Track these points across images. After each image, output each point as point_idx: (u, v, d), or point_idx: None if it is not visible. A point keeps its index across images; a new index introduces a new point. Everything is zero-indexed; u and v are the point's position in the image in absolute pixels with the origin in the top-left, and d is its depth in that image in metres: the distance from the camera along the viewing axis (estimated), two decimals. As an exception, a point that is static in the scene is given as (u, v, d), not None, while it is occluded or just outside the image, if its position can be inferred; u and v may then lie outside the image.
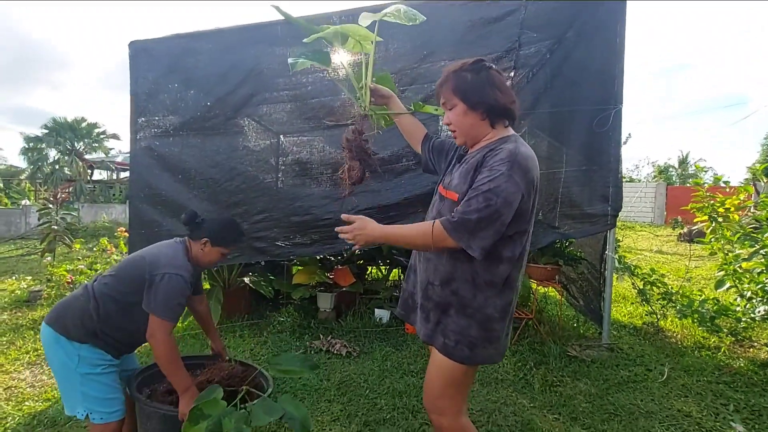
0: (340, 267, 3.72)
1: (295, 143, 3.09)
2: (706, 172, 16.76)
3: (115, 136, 24.27)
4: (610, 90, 2.67)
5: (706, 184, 3.62)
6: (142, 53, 3.23)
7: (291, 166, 3.07)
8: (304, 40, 1.48)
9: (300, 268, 3.79)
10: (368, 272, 4.39)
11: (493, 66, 1.29)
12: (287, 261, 3.95)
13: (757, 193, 6.38)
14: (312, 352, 2.89)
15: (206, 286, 3.81)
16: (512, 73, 2.72)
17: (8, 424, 2.12)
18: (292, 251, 3.09)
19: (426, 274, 1.32)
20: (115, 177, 23.28)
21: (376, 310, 3.49)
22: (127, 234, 3.93)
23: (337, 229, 1.28)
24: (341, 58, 1.61)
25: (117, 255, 5.33)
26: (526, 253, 1.28)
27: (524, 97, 2.66)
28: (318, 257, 3.91)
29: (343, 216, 1.28)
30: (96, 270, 4.85)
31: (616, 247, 3.23)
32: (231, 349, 2.89)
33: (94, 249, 6.67)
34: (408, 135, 1.67)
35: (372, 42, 1.49)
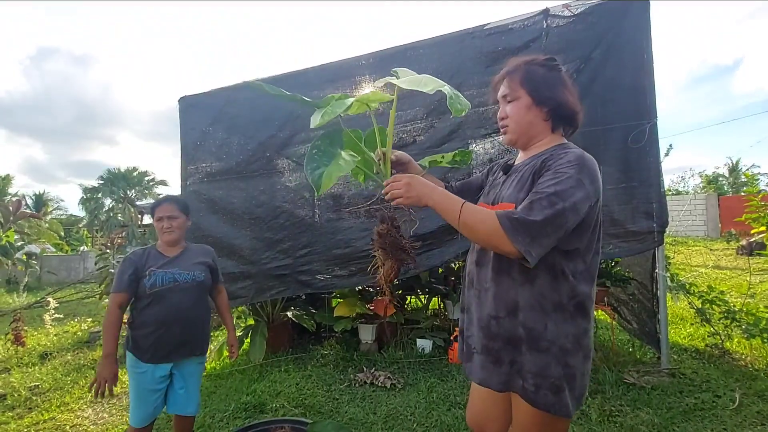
0: (379, 298, 3.74)
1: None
2: (758, 180, 15.50)
3: (163, 183, 26.00)
4: (642, 105, 2.65)
5: (761, 192, 3.40)
6: (190, 107, 3.55)
7: (325, 200, 3.20)
8: (313, 126, 1.09)
9: (340, 300, 3.85)
10: (408, 302, 4.38)
11: (564, 70, 1.18)
12: (328, 294, 4.02)
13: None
14: (356, 385, 2.89)
15: (251, 321, 3.94)
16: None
17: (76, 461, 2.24)
18: (333, 283, 3.17)
19: (486, 308, 1.13)
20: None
21: (417, 340, 3.46)
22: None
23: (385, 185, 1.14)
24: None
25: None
26: (594, 274, 1.10)
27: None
28: (358, 289, 3.97)
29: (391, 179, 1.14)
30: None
31: (667, 265, 3.07)
32: (277, 384, 2.94)
33: (146, 290, 7.08)
34: None
35: (393, 103, 1.21)
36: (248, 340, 3.57)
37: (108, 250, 6.56)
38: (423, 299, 4.32)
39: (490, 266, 1.14)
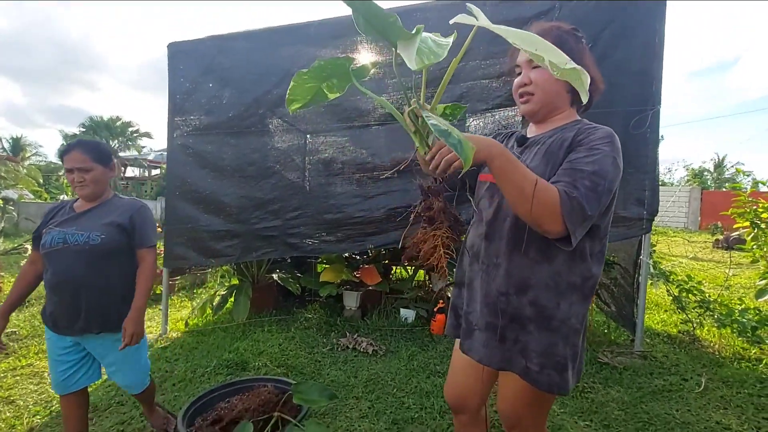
0: (366, 266, 3.74)
1: (325, 143, 3.15)
2: (748, 175, 15.86)
3: (147, 135, 25.23)
4: (647, 91, 2.61)
5: (745, 189, 3.45)
6: (180, 54, 3.35)
7: (316, 165, 3.14)
8: (415, 68, 0.77)
9: (326, 266, 3.85)
10: (393, 272, 4.41)
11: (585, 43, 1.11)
12: (314, 258, 4.01)
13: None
14: (339, 349, 2.93)
15: (235, 281, 3.93)
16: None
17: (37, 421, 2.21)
18: (322, 248, 3.15)
19: (495, 284, 1.08)
20: (146, 174, 24.19)
21: (401, 309, 3.51)
22: (159, 229, 4.09)
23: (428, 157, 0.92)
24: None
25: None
26: (604, 256, 1.09)
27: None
28: (344, 256, 3.96)
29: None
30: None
31: (651, 253, 3.13)
32: (260, 344, 2.96)
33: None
34: None
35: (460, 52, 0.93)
36: (232, 299, 3.57)
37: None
38: (410, 270, 4.35)
39: (504, 241, 1.08)
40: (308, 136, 3.20)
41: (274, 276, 3.73)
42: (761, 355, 2.85)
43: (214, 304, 3.66)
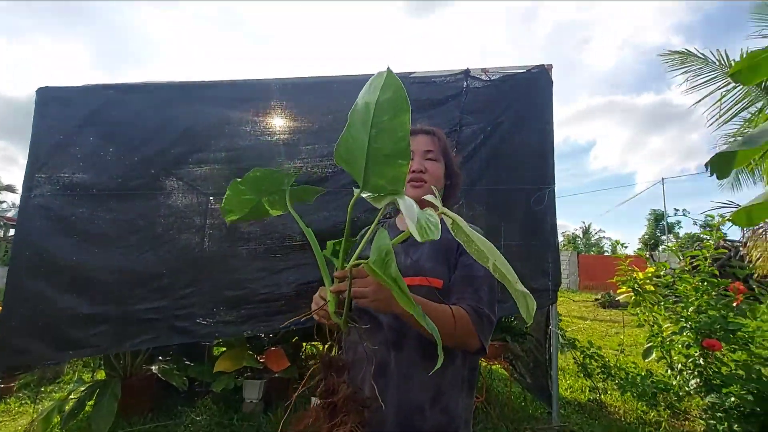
0: (272, 348, 3.28)
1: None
2: (622, 246, 19.22)
3: (9, 189, 21.31)
4: (543, 171, 2.84)
5: (606, 253, 3.90)
6: (52, 102, 2.85)
7: (218, 230, 2.78)
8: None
9: (224, 349, 3.29)
10: (303, 350, 3.96)
11: None
12: (210, 342, 3.43)
13: (653, 261, 7.13)
14: (234, 459, 2.38)
15: (101, 375, 3.13)
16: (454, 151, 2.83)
17: None
18: (219, 330, 2.67)
19: (410, 399, 0.98)
20: (2, 234, 20.05)
21: (312, 399, 3.06)
22: None
23: (339, 274, 0.85)
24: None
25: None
26: None
27: (464, 173, 2.74)
28: (246, 336, 3.45)
29: (341, 273, 0.85)
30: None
31: (559, 321, 3.26)
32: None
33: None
34: None
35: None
36: (92, 401, 2.78)
37: None
38: (321, 348, 3.95)
39: (413, 350, 0.98)
40: (211, 198, 2.86)
41: (153, 368, 3.04)
42: (659, 417, 3.02)
43: (65, 410, 2.81)
